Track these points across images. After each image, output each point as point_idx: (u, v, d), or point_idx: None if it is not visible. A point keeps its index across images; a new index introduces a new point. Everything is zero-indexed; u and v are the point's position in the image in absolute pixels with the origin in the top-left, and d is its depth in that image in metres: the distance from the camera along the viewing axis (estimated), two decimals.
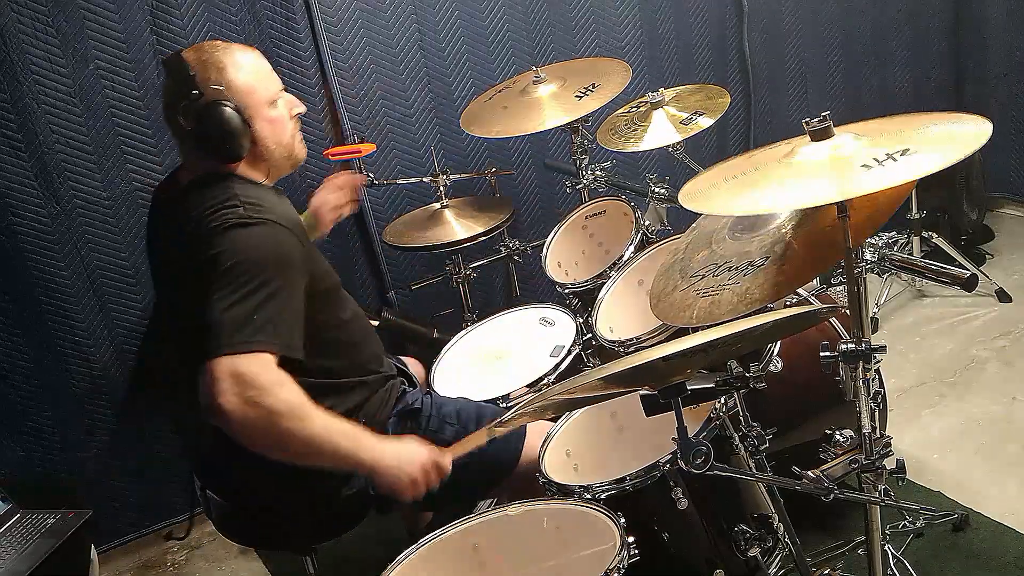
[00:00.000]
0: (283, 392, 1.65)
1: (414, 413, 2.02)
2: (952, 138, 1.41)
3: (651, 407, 1.48)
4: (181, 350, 1.97)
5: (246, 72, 1.81)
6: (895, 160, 1.36)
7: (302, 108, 1.93)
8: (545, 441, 1.93)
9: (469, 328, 2.50)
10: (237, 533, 2.11)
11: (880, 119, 1.60)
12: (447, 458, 1.82)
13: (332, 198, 2.44)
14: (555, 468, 1.86)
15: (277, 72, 1.90)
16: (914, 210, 3.40)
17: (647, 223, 2.47)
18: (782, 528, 1.84)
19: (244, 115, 1.79)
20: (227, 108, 1.76)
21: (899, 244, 3.45)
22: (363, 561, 2.43)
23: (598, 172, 2.77)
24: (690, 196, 1.56)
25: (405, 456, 1.77)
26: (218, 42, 1.84)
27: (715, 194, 1.54)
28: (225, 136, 1.77)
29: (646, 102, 2.56)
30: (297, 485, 1.92)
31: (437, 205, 2.83)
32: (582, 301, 2.45)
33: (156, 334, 2.79)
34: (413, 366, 2.34)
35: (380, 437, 1.80)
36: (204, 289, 1.68)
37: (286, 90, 1.91)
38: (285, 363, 1.71)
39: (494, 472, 2.02)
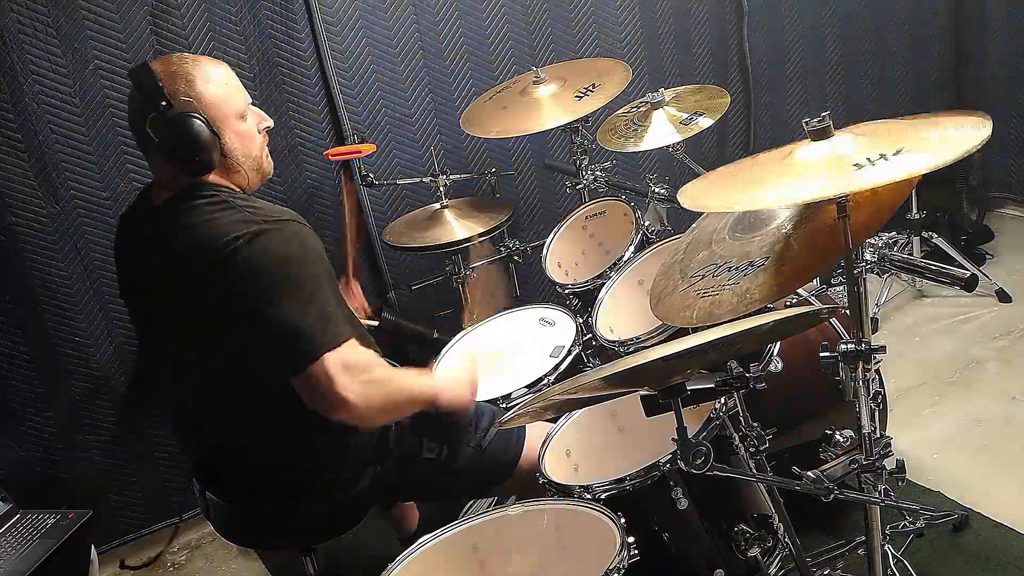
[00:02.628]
0: (379, 364, 1.79)
1: (415, 413, 2.02)
2: (949, 138, 1.41)
3: (651, 407, 1.48)
4: (176, 355, 1.96)
5: (215, 85, 1.79)
6: (887, 160, 1.36)
7: (270, 122, 1.92)
8: (545, 441, 1.93)
9: (469, 328, 2.50)
10: (236, 534, 2.11)
11: (886, 120, 1.60)
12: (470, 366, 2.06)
13: None
14: (555, 468, 1.86)
15: (277, 71, 1.90)
16: (914, 210, 3.40)
17: (647, 223, 2.47)
18: (782, 528, 1.84)
19: (213, 127, 1.77)
20: (197, 120, 1.74)
21: (899, 244, 3.45)
22: (363, 561, 2.43)
23: (598, 172, 2.77)
24: (688, 195, 1.57)
25: (456, 382, 1.98)
26: (186, 54, 1.83)
27: (714, 193, 1.55)
28: (195, 148, 1.75)
29: (646, 102, 2.56)
30: (297, 486, 1.93)
31: (437, 205, 2.83)
32: (582, 301, 2.45)
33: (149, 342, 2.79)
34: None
35: (424, 372, 2.00)
36: (251, 304, 1.68)
37: (254, 104, 1.89)
38: None
39: (494, 473, 2.02)
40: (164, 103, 1.74)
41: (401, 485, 2.02)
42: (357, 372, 1.71)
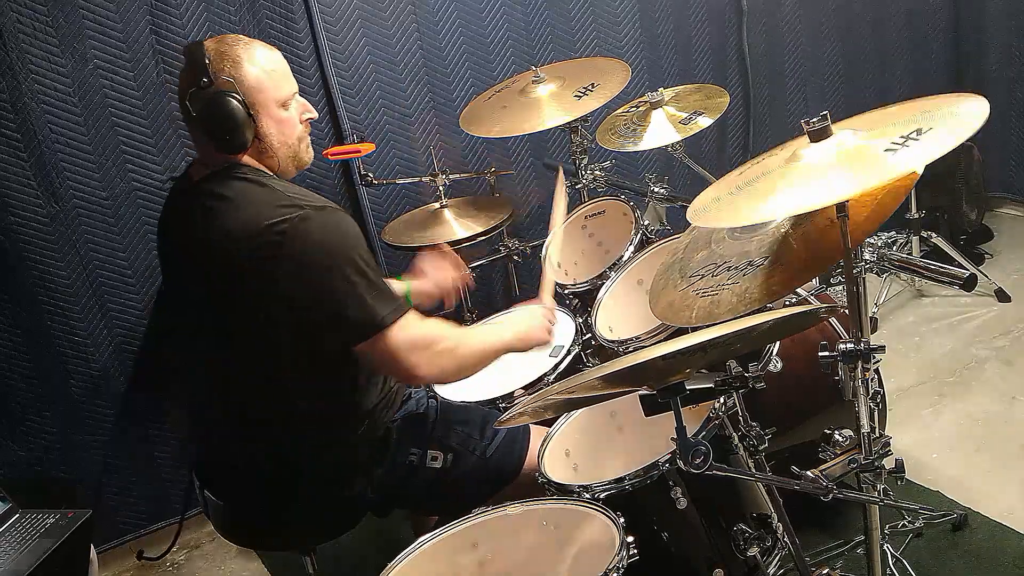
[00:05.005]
0: (443, 330, 1.83)
1: (420, 419, 2.02)
2: (955, 116, 1.40)
3: (650, 407, 1.48)
4: (192, 346, 1.97)
5: (261, 69, 1.81)
6: (917, 139, 1.36)
7: (314, 114, 1.93)
8: (545, 441, 1.93)
9: (470, 327, 2.50)
10: (235, 533, 2.11)
11: (872, 112, 1.59)
12: (547, 301, 2.15)
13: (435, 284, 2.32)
14: (555, 468, 1.86)
15: None
16: (913, 210, 3.40)
17: (646, 223, 2.47)
18: (781, 528, 1.84)
19: (251, 110, 1.79)
20: (232, 99, 1.77)
21: (898, 244, 3.46)
22: (363, 561, 2.43)
23: (597, 172, 2.77)
24: (698, 214, 1.56)
25: (527, 324, 2.02)
26: (242, 37, 1.85)
27: (725, 206, 1.53)
28: (227, 126, 1.78)
29: (645, 102, 2.57)
30: (293, 487, 1.92)
31: (436, 205, 2.83)
32: (581, 301, 2.45)
33: (158, 332, 2.79)
34: None
35: (501, 322, 2.11)
36: (314, 280, 1.71)
37: (302, 95, 1.91)
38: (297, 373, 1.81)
39: (497, 479, 2.02)
40: (205, 80, 1.77)
41: (400, 494, 2.00)
42: (426, 346, 1.78)
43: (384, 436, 1.97)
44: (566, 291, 2.47)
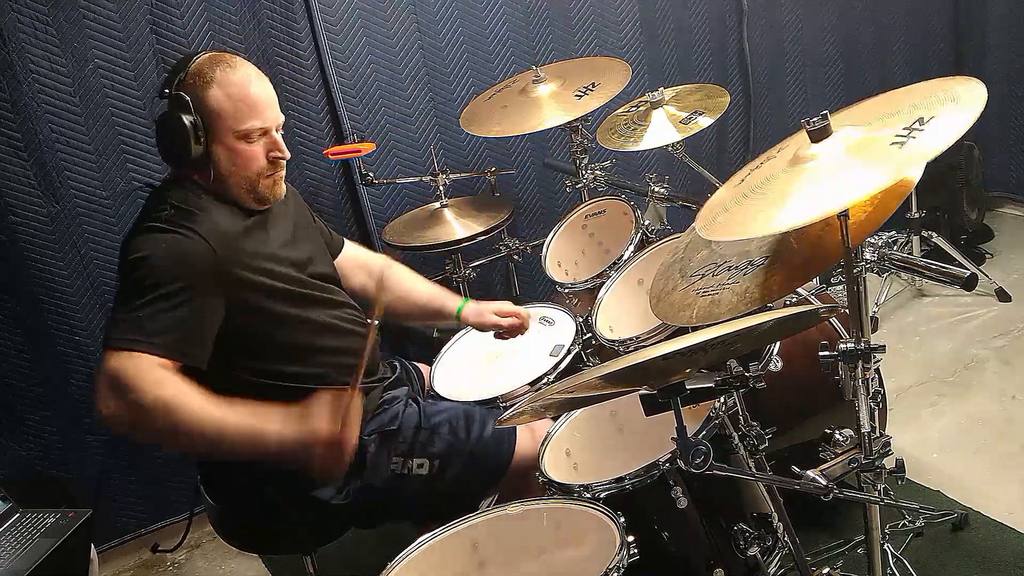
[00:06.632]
0: (158, 390, 1.63)
1: (395, 433, 1.99)
2: (954, 99, 1.39)
3: (650, 406, 1.48)
4: None
5: (226, 95, 1.78)
6: (921, 129, 1.35)
7: (284, 155, 1.86)
8: (545, 440, 1.93)
9: (469, 328, 2.50)
10: (229, 535, 2.11)
11: (864, 102, 1.58)
12: (347, 434, 1.70)
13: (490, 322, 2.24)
14: (555, 467, 1.86)
15: (277, 71, 1.89)
16: (914, 209, 3.39)
17: (647, 222, 2.47)
18: (782, 527, 1.84)
19: (204, 132, 1.78)
20: (182, 116, 1.76)
21: (899, 243, 3.45)
22: (363, 561, 2.43)
23: (598, 171, 2.77)
24: (709, 227, 1.53)
25: (302, 439, 1.68)
26: (236, 59, 1.83)
27: (736, 216, 1.50)
28: (168, 140, 1.80)
29: (646, 101, 2.56)
30: (276, 493, 1.92)
31: (437, 204, 2.83)
32: (582, 301, 2.45)
33: None
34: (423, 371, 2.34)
35: (285, 420, 1.69)
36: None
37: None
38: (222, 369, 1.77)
39: (487, 475, 2.02)
40: (167, 90, 1.79)
41: (390, 505, 1.99)
42: (121, 387, 1.62)
43: (359, 446, 1.91)
44: (566, 290, 2.47)
